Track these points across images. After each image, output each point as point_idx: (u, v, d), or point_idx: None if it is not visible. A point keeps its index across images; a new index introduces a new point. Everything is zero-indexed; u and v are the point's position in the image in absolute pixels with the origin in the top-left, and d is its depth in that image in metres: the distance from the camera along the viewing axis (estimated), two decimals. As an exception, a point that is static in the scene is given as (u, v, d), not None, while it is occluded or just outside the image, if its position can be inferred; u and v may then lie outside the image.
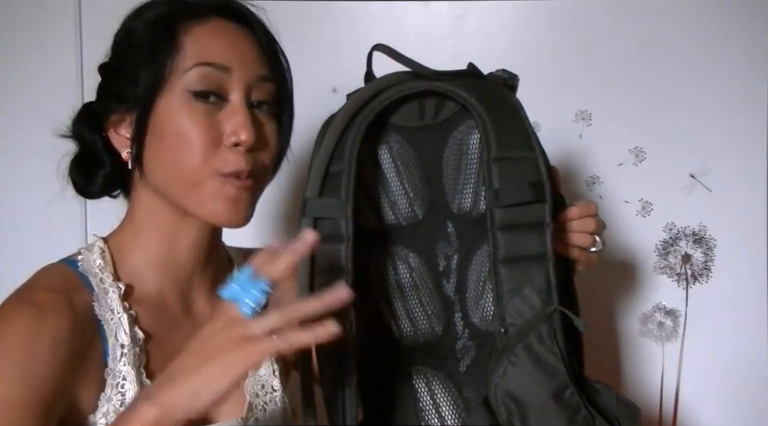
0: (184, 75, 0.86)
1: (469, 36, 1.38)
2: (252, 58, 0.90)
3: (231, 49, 0.88)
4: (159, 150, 0.87)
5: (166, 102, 0.86)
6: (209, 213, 0.88)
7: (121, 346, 0.86)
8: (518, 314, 0.83)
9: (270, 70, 0.91)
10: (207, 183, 0.86)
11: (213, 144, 0.86)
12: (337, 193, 0.85)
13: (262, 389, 0.97)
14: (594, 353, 0.94)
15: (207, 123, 0.86)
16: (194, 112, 0.86)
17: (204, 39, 0.88)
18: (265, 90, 0.91)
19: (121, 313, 0.87)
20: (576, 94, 1.37)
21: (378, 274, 0.92)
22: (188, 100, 0.86)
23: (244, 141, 0.86)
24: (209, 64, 0.86)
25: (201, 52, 0.87)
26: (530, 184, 0.83)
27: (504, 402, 0.82)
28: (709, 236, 1.37)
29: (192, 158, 0.86)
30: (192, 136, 0.86)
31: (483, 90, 0.86)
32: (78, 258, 0.90)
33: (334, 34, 1.38)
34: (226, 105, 0.88)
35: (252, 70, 0.89)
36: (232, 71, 0.87)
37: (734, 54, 1.35)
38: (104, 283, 0.88)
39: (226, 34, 0.89)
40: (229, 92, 0.88)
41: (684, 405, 1.38)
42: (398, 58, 0.89)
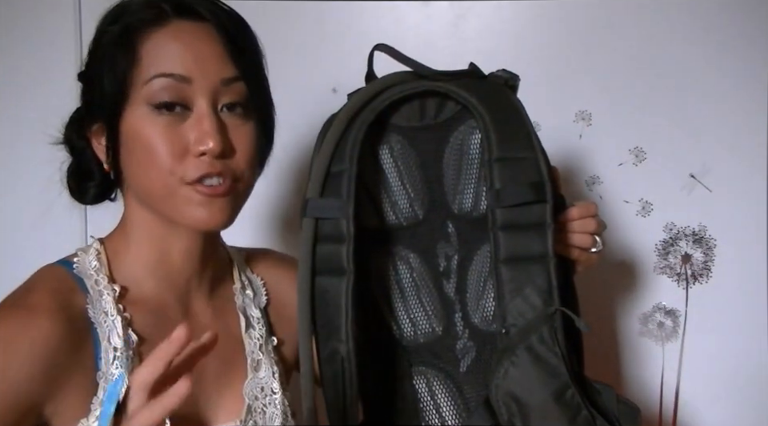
0: (144, 88, 0.84)
1: (469, 36, 1.38)
2: (215, 60, 0.85)
3: (191, 55, 0.84)
4: (131, 163, 0.86)
5: (130, 114, 0.85)
6: (186, 220, 0.86)
7: (114, 349, 0.85)
8: (519, 314, 0.83)
9: (237, 69, 0.86)
10: (177, 191, 0.84)
11: (179, 156, 0.84)
12: (338, 193, 0.85)
13: (261, 392, 0.96)
14: (594, 353, 0.94)
15: (171, 135, 0.83)
16: (156, 125, 0.84)
17: (162, 48, 0.84)
18: (233, 92, 0.86)
19: (114, 316, 0.86)
20: (576, 94, 1.37)
21: (378, 274, 0.92)
22: (150, 112, 0.84)
23: (210, 149, 0.83)
24: (167, 75, 0.83)
25: (159, 62, 0.84)
26: (531, 184, 0.83)
27: (505, 402, 0.82)
28: (709, 236, 1.37)
29: (158, 172, 0.84)
30: (157, 150, 0.83)
31: (484, 90, 0.86)
32: (74, 260, 0.90)
33: (334, 34, 1.38)
34: (190, 114, 0.85)
35: (215, 74, 0.85)
36: (193, 80, 0.84)
37: (734, 54, 1.35)
38: (99, 285, 0.88)
39: (186, 39, 0.85)
40: (193, 100, 0.84)
41: (684, 405, 1.38)
42: (399, 57, 0.89)
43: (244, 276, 1.03)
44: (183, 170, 0.84)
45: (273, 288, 1.04)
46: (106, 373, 0.84)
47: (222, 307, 0.98)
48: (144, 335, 0.89)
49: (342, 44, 1.37)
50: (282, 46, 1.38)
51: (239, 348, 0.97)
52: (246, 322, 0.98)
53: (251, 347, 0.98)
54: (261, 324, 1.00)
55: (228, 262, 1.02)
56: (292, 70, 1.37)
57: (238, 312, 0.99)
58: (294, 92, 1.36)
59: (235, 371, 0.96)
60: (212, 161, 0.84)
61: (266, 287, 1.04)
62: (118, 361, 0.85)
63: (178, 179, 0.84)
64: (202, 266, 0.94)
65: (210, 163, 0.84)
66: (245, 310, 1.00)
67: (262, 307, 1.02)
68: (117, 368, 0.85)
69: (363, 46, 0.93)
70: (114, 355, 0.85)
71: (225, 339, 0.94)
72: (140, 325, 0.89)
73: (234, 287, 1.00)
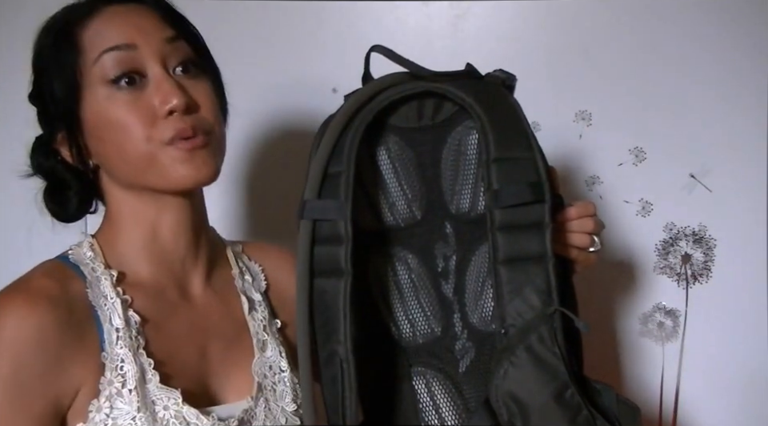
0: (94, 68, 0.86)
1: (469, 36, 1.38)
2: (153, 26, 0.89)
3: (130, 26, 0.87)
4: (104, 149, 0.88)
5: (88, 102, 0.87)
6: (174, 180, 0.88)
7: (116, 330, 0.87)
8: (518, 315, 0.83)
9: (175, 29, 0.90)
10: (158, 155, 0.86)
11: (149, 122, 0.86)
12: (335, 194, 0.85)
13: (269, 370, 0.98)
14: (594, 353, 0.94)
15: (136, 106, 0.86)
16: (118, 101, 0.86)
17: (101, 29, 0.87)
18: (180, 51, 0.89)
19: (114, 298, 0.88)
20: (576, 94, 1.37)
21: (376, 275, 0.92)
22: (109, 91, 0.86)
23: (176, 105, 0.86)
24: (112, 48, 0.86)
25: (102, 41, 0.86)
26: (529, 185, 0.83)
27: (505, 403, 0.82)
28: (709, 236, 1.37)
29: (135, 144, 0.86)
30: (127, 123, 0.86)
31: (481, 90, 0.86)
32: (69, 252, 0.92)
33: (334, 34, 1.38)
34: (147, 81, 0.87)
35: (158, 36, 0.88)
36: (138, 46, 0.87)
37: (734, 54, 1.34)
38: (96, 271, 0.90)
39: (121, 16, 0.88)
40: (145, 68, 0.87)
41: (684, 405, 1.38)
42: (396, 59, 0.89)
43: (241, 263, 1.04)
44: (158, 134, 0.86)
45: (271, 274, 1.06)
46: (111, 354, 0.86)
47: (221, 290, 0.99)
48: (146, 315, 0.90)
49: (342, 44, 1.37)
50: (282, 46, 1.38)
51: (243, 329, 0.99)
52: (248, 304, 1.00)
53: (255, 328, 0.99)
54: (263, 307, 1.02)
55: (222, 248, 1.03)
56: (292, 70, 1.37)
57: (240, 294, 1.00)
58: (294, 92, 1.36)
59: (242, 352, 0.97)
60: (181, 117, 0.86)
61: (265, 272, 1.06)
62: (122, 341, 0.87)
63: (155, 142, 0.86)
64: (193, 242, 0.96)
65: (180, 119, 0.86)
66: (246, 293, 1.01)
67: (262, 292, 1.04)
68: (121, 348, 0.86)
69: (363, 46, 0.93)
70: (116, 335, 0.87)
71: (228, 321, 0.97)
72: (140, 306, 0.91)
73: (232, 272, 1.02)
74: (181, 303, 0.95)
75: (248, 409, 0.93)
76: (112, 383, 0.85)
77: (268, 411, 0.95)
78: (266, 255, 1.08)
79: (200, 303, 0.96)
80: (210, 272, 0.99)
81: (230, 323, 0.98)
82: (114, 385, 0.85)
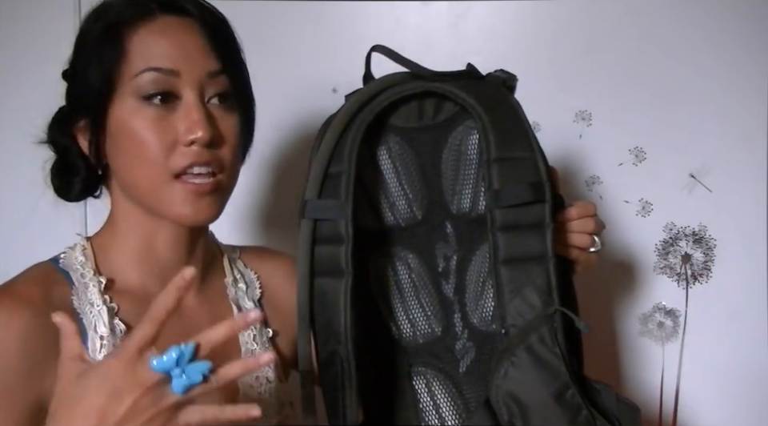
0: (132, 81, 0.85)
1: (469, 36, 1.38)
2: (201, 54, 0.87)
3: (178, 49, 0.86)
4: (118, 156, 0.88)
5: (118, 107, 0.86)
6: (173, 215, 0.88)
7: (100, 337, 0.86)
8: (518, 315, 0.83)
9: (221, 63, 0.89)
10: (163, 189, 0.86)
11: (168, 147, 0.85)
12: (336, 194, 0.85)
13: (256, 381, 0.97)
14: (593, 353, 0.94)
15: (160, 126, 0.85)
16: (145, 117, 0.85)
17: (150, 42, 0.86)
18: (218, 84, 0.88)
19: (100, 306, 0.88)
20: (576, 94, 1.37)
21: (377, 275, 0.92)
22: (139, 105, 0.85)
23: (200, 138, 0.85)
24: (156, 69, 0.85)
25: (147, 57, 0.86)
26: (529, 185, 0.83)
27: (505, 403, 0.82)
28: (709, 236, 1.37)
29: (148, 164, 0.85)
30: (146, 141, 0.85)
31: (482, 90, 0.86)
32: (61, 256, 0.92)
33: (334, 34, 1.38)
34: (178, 105, 0.86)
35: (202, 67, 0.87)
36: (181, 73, 0.86)
37: (734, 53, 1.34)
38: (84, 277, 0.89)
39: (172, 34, 0.87)
40: (180, 92, 0.86)
41: (684, 405, 1.38)
42: (397, 58, 0.89)
43: (236, 270, 1.03)
44: (171, 164, 0.85)
45: (266, 281, 1.05)
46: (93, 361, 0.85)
47: (212, 299, 0.99)
48: (132, 324, 0.89)
49: (342, 44, 1.37)
50: (282, 46, 1.38)
51: (232, 339, 0.97)
52: (238, 313, 0.99)
53: (245, 337, 0.98)
54: None
55: (218, 255, 1.03)
56: (292, 70, 1.37)
57: (231, 304, 1.00)
58: (294, 92, 1.36)
59: (228, 362, 0.96)
60: (200, 150, 0.85)
61: (260, 280, 1.05)
62: (105, 349, 0.86)
63: (167, 172, 0.85)
64: (188, 256, 0.95)
65: (198, 152, 0.85)
66: (237, 302, 1.00)
67: (256, 300, 1.03)
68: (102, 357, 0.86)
69: (363, 46, 0.93)
70: (100, 343, 0.86)
71: None
72: (127, 315, 0.90)
73: (225, 280, 1.01)
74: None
75: None
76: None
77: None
78: (262, 261, 1.07)
79: (188, 313, 0.95)
80: (202, 281, 0.98)
81: None
82: None
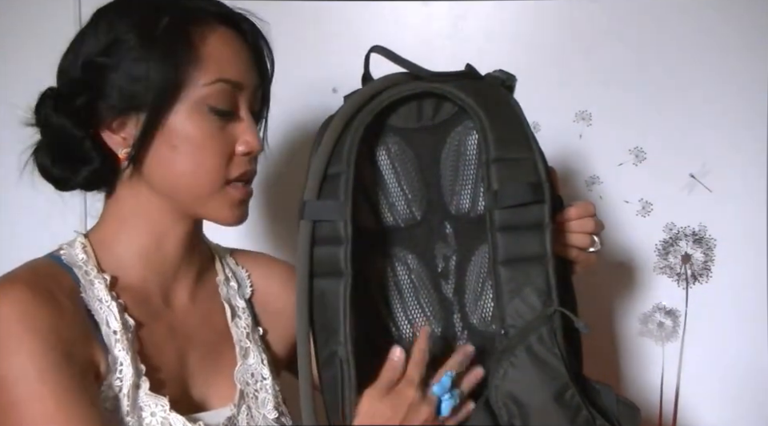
0: (203, 88, 0.87)
1: (469, 36, 1.38)
2: (252, 68, 0.92)
3: (241, 63, 0.91)
4: (169, 158, 0.88)
5: (180, 110, 0.87)
6: (219, 218, 0.92)
7: (113, 332, 0.87)
8: (517, 315, 0.83)
9: (261, 78, 0.94)
10: (218, 194, 0.90)
11: (226, 156, 0.90)
12: (335, 195, 0.85)
13: (251, 378, 0.98)
14: (594, 353, 0.94)
15: (221, 137, 0.89)
16: (210, 125, 0.88)
17: (220, 52, 0.89)
18: (258, 99, 0.94)
19: (109, 301, 0.88)
20: (576, 94, 1.37)
21: (376, 275, 0.92)
22: (204, 112, 0.88)
23: (256, 151, 0.91)
24: (228, 81, 0.88)
25: (220, 67, 0.88)
26: (528, 185, 0.83)
27: (505, 403, 0.82)
28: (709, 236, 1.37)
29: (208, 171, 0.89)
30: (209, 149, 0.88)
31: (481, 91, 0.86)
32: (61, 252, 0.91)
33: (334, 34, 1.38)
34: (234, 118, 0.90)
35: (254, 82, 0.92)
36: (244, 88, 0.90)
37: (734, 54, 1.35)
38: (89, 275, 0.89)
39: (235, 47, 0.91)
40: (240, 106, 0.91)
41: (684, 405, 1.38)
42: (396, 59, 0.89)
43: (228, 269, 1.04)
44: (229, 170, 0.90)
45: (258, 281, 1.07)
46: (112, 356, 0.86)
47: (205, 298, 1.00)
48: (138, 319, 0.90)
49: (342, 44, 1.37)
50: (282, 46, 1.37)
51: (226, 337, 0.99)
52: (231, 311, 1.01)
53: (238, 335, 0.99)
54: (246, 314, 1.02)
55: (210, 255, 1.04)
56: (292, 70, 1.37)
57: (223, 302, 1.01)
58: (294, 92, 1.36)
59: (224, 359, 0.98)
60: (250, 160, 0.92)
61: (251, 278, 1.06)
62: (120, 344, 0.87)
63: (222, 179, 0.90)
64: (189, 255, 0.96)
65: (248, 163, 0.92)
66: (229, 300, 1.01)
67: (247, 298, 1.04)
68: (120, 351, 0.86)
69: (363, 46, 0.93)
70: (115, 338, 0.87)
71: (209, 328, 0.98)
72: (134, 311, 0.91)
73: (217, 278, 1.02)
74: (163, 309, 0.94)
75: (231, 417, 0.93)
76: (111, 386, 0.85)
77: (250, 419, 0.95)
78: (254, 262, 1.09)
79: (182, 311, 0.96)
80: (196, 280, 0.99)
81: (213, 330, 0.98)
82: (112, 388, 0.85)
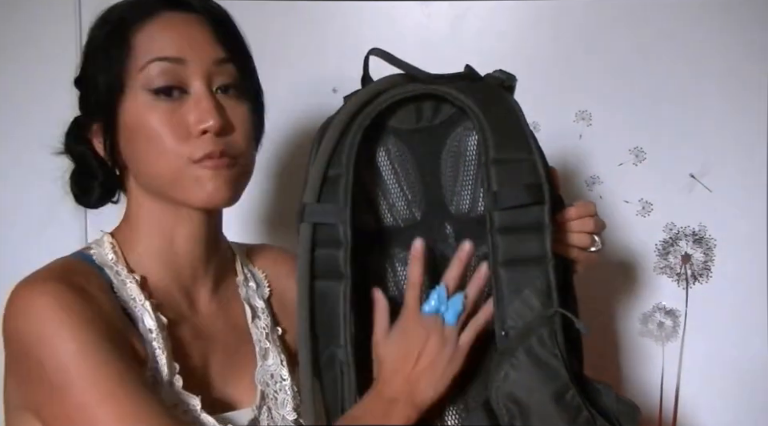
0: (140, 74, 0.86)
1: (469, 36, 1.38)
2: (206, 43, 0.89)
3: (183, 39, 0.88)
4: (134, 152, 0.89)
5: (129, 104, 0.87)
6: (195, 199, 0.88)
7: (149, 331, 0.87)
8: (518, 316, 0.83)
9: (227, 52, 0.90)
10: (184, 172, 0.87)
11: (181, 138, 0.86)
12: (335, 198, 0.85)
13: (271, 378, 0.98)
14: (594, 353, 0.94)
15: (172, 119, 0.86)
16: (157, 111, 0.86)
17: (155, 35, 0.87)
18: (226, 73, 0.90)
19: (143, 300, 0.88)
20: (576, 94, 1.37)
21: (377, 276, 0.92)
22: (149, 99, 0.87)
23: (211, 126, 0.86)
24: (162, 59, 0.86)
25: (152, 48, 0.87)
26: (528, 186, 0.83)
27: (505, 405, 0.82)
28: (709, 236, 1.37)
29: (165, 156, 0.86)
30: (160, 135, 0.86)
31: (480, 92, 0.86)
32: (91, 252, 0.91)
33: (334, 34, 1.38)
34: (187, 97, 0.87)
35: (208, 55, 0.88)
36: (187, 62, 0.87)
37: (734, 54, 1.34)
38: (120, 275, 0.90)
39: (176, 26, 0.88)
40: (189, 83, 0.87)
41: (684, 405, 1.38)
42: (394, 61, 0.88)
43: (246, 269, 1.04)
44: (189, 151, 0.86)
45: (274, 281, 1.07)
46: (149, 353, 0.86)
47: (226, 299, 1.00)
48: (168, 318, 0.90)
49: (342, 44, 1.37)
50: (282, 46, 1.38)
51: (246, 338, 0.99)
52: (251, 312, 1.00)
53: (258, 336, 0.99)
54: (266, 314, 1.02)
55: (231, 256, 1.04)
56: (292, 70, 1.37)
57: (243, 303, 1.01)
58: (294, 92, 1.36)
59: (244, 360, 0.98)
60: (214, 139, 0.86)
61: (268, 279, 1.06)
62: (156, 343, 0.87)
63: (183, 158, 0.86)
64: (206, 254, 0.96)
65: (212, 141, 0.86)
66: (249, 301, 1.01)
67: (265, 299, 1.04)
68: (155, 349, 0.86)
69: (363, 46, 0.93)
70: (151, 336, 0.87)
71: (230, 329, 0.98)
72: (163, 310, 0.91)
73: (237, 279, 1.02)
74: (187, 310, 0.95)
75: (253, 418, 0.93)
76: (146, 382, 0.84)
77: (271, 420, 0.95)
78: (268, 260, 1.08)
79: (204, 312, 0.96)
80: (217, 282, 0.99)
81: (233, 331, 0.98)
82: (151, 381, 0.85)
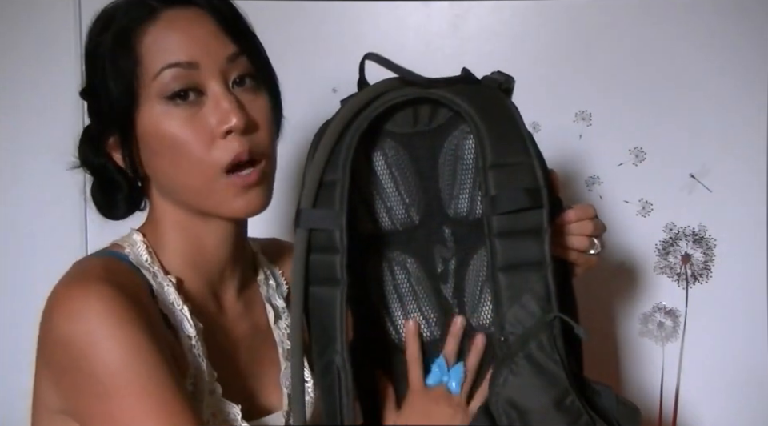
0: (153, 83, 0.83)
1: (469, 36, 1.38)
2: (215, 41, 0.85)
3: (192, 40, 0.84)
4: (157, 163, 0.86)
5: (145, 114, 0.84)
6: (228, 211, 0.87)
7: (188, 337, 0.85)
8: (517, 322, 0.82)
9: (237, 45, 0.87)
10: (215, 185, 0.85)
11: (206, 142, 0.84)
12: (331, 204, 0.84)
13: None
14: (593, 353, 0.94)
15: (193, 123, 0.84)
16: (175, 117, 0.84)
17: (161, 39, 0.84)
18: (240, 67, 0.87)
19: (181, 305, 0.87)
20: (576, 94, 1.37)
21: (375, 279, 0.92)
22: (166, 107, 0.84)
23: (234, 125, 0.83)
24: (174, 65, 0.83)
25: (162, 54, 0.83)
26: (526, 190, 0.82)
27: (505, 410, 0.81)
28: (709, 236, 1.37)
29: (190, 164, 0.84)
30: (183, 142, 0.83)
31: (477, 95, 0.85)
32: (126, 252, 0.88)
33: (334, 34, 1.38)
34: (205, 99, 0.85)
35: (219, 53, 0.85)
36: (200, 65, 0.84)
37: (734, 54, 1.34)
38: (157, 277, 0.87)
39: (182, 26, 0.85)
40: (205, 85, 0.84)
41: (684, 405, 1.38)
42: (390, 66, 0.87)
43: (266, 267, 1.03)
44: (217, 156, 0.84)
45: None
46: (190, 361, 0.84)
47: (250, 300, 0.99)
48: (201, 322, 0.89)
49: (342, 44, 1.37)
50: (282, 46, 1.37)
51: (269, 339, 0.98)
52: (273, 313, 0.99)
53: (280, 337, 0.99)
54: (286, 314, 1.01)
55: (252, 255, 1.03)
56: (292, 70, 1.37)
57: (265, 303, 1.00)
58: (294, 92, 1.35)
59: (269, 362, 0.97)
60: (239, 138, 0.84)
61: (285, 276, 1.05)
62: (195, 349, 0.85)
63: (213, 168, 0.84)
64: (234, 256, 0.94)
65: (238, 141, 0.84)
66: (270, 300, 1.00)
67: (285, 297, 1.03)
68: (195, 357, 0.85)
69: (363, 46, 0.93)
70: (190, 343, 0.85)
71: (255, 331, 0.97)
72: (197, 314, 0.89)
73: (258, 278, 1.01)
74: (217, 313, 0.94)
75: (285, 423, 0.93)
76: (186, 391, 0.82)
77: None
78: (284, 257, 1.07)
79: (231, 315, 0.95)
80: (242, 287, 0.98)
81: (258, 333, 0.97)
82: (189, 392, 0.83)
